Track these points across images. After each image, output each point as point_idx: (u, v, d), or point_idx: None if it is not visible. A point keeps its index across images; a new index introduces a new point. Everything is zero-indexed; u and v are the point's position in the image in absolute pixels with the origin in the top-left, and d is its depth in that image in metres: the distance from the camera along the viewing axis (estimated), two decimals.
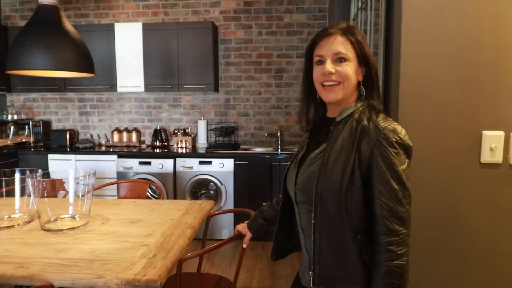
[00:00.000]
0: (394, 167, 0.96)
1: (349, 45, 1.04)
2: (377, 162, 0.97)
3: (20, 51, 1.45)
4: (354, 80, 1.06)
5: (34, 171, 1.80)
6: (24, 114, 4.33)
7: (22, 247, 1.44)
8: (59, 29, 1.55)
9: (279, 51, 3.98)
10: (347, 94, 1.06)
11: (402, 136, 0.99)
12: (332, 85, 1.05)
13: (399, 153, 0.98)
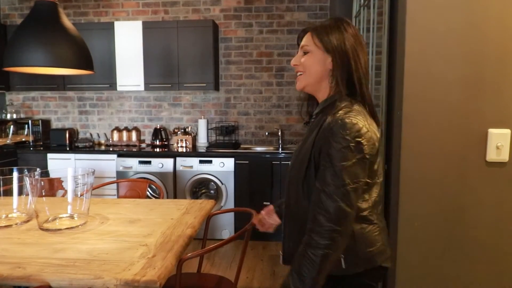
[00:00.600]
0: (334, 161, 0.99)
1: (312, 39, 1.11)
2: (323, 154, 1.03)
3: (17, 47, 1.42)
4: (318, 69, 1.11)
5: (32, 170, 1.78)
6: (24, 113, 4.30)
7: (20, 247, 1.42)
8: (57, 26, 1.53)
9: (280, 49, 3.96)
10: (312, 83, 1.14)
11: (350, 132, 0.99)
12: (299, 76, 1.17)
13: (343, 149, 0.99)
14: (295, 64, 1.16)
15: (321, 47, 1.09)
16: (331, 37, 1.09)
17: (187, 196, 3.53)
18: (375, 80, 1.84)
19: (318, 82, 1.13)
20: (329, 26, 1.11)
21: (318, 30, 1.11)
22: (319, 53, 1.10)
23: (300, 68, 1.15)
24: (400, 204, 1.40)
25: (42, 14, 1.52)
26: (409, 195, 1.39)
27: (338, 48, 1.08)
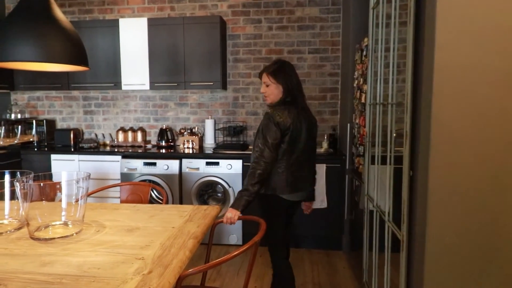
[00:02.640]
0: (260, 131, 1.98)
1: (268, 77, 2.03)
2: (259, 130, 1.99)
3: (2, 40, 1.30)
4: (276, 92, 2.03)
5: (26, 173, 1.65)
6: (29, 113, 4.23)
7: (4, 259, 1.30)
8: (48, 18, 1.40)
9: (290, 46, 3.80)
10: (275, 99, 2.04)
11: (272, 119, 1.95)
12: (266, 98, 2.09)
13: (265, 125, 1.96)
14: (262, 91, 2.08)
15: (275, 81, 2.01)
16: (279, 74, 2.01)
17: (193, 199, 3.40)
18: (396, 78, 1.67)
19: (277, 98, 2.03)
20: (277, 68, 2.02)
21: (272, 72, 2.02)
22: (275, 84, 2.02)
23: (266, 94, 2.07)
24: (428, 217, 1.23)
25: (31, 5, 1.39)
26: (438, 206, 1.22)
27: (286, 79, 2.01)
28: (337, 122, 3.81)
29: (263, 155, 1.91)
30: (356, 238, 2.86)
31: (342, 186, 3.20)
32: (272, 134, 1.92)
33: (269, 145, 1.92)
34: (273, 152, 1.93)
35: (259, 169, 1.91)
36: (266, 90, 2.04)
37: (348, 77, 3.14)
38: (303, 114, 2.04)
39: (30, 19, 1.38)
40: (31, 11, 1.40)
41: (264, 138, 1.92)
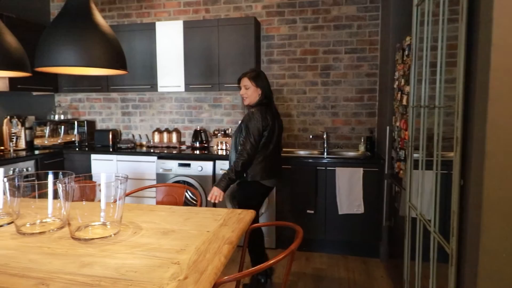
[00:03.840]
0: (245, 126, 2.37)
1: (249, 81, 2.45)
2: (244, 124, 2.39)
3: (47, 46, 1.34)
4: (255, 94, 2.46)
5: (67, 174, 1.71)
6: (71, 114, 4.42)
7: (48, 259, 1.33)
8: (89, 23, 1.43)
9: (326, 46, 3.71)
10: (253, 101, 2.47)
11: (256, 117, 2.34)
12: (243, 98, 2.49)
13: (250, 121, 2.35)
14: (242, 93, 2.48)
15: (255, 85, 2.44)
16: (258, 79, 2.45)
17: (226, 201, 3.40)
18: (445, 79, 1.55)
19: (254, 100, 2.45)
20: (257, 74, 2.47)
21: (253, 77, 2.45)
22: (254, 88, 2.44)
23: (246, 96, 2.47)
24: (482, 230, 1.13)
25: (73, 11, 1.43)
26: (493, 219, 1.11)
27: (263, 84, 2.46)
28: (374, 125, 3.68)
29: (246, 148, 2.32)
30: (395, 246, 2.73)
31: (380, 191, 3.07)
32: (255, 130, 2.32)
33: (252, 140, 2.32)
34: (255, 145, 2.35)
35: (242, 159, 2.31)
36: (246, 92, 2.45)
37: (388, 77, 3.01)
38: (275, 114, 2.51)
39: (72, 25, 1.42)
40: (74, 18, 1.43)
41: (247, 133, 2.32)
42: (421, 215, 1.87)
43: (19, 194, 1.60)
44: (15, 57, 1.62)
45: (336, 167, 3.13)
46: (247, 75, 2.47)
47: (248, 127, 2.33)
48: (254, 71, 2.50)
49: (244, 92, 2.45)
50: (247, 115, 2.38)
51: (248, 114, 2.37)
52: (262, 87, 2.46)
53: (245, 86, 2.45)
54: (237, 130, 2.47)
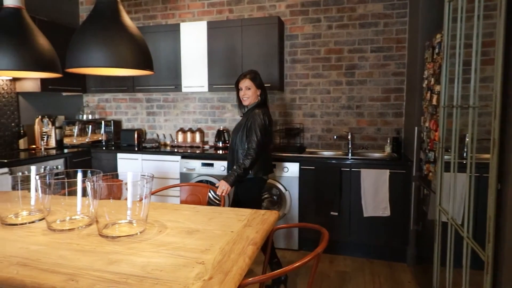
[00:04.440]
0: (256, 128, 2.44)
1: (251, 82, 2.55)
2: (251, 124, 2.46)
3: (77, 48, 1.37)
4: (255, 95, 2.57)
5: (96, 172, 1.74)
6: (98, 114, 4.54)
7: (77, 255, 1.36)
8: (117, 25, 1.46)
9: (351, 45, 3.64)
10: (252, 101, 2.57)
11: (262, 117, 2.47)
12: (245, 99, 2.57)
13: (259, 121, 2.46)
14: (243, 95, 2.58)
15: (255, 85, 2.56)
16: (258, 80, 2.58)
17: None
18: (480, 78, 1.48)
19: (254, 100, 2.58)
20: (255, 76, 2.57)
21: (253, 78, 2.56)
22: (255, 88, 2.56)
23: (247, 96, 2.56)
24: None
25: (102, 13, 1.46)
26: None
27: (261, 85, 2.60)
28: (401, 125, 3.57)
29: (254, 147, 2.43)
30: (424, 250, 2.64)
31: (408, 194, 2.98)
32: (262, 130, 2.44)
33: (260, 139, 2.44)
34: (262, 143, 2.46)
35: (251, 158, 2.42)
36: (247, 93, 2.55)
37: (416, 77, 2.91)
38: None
39: (101, 27, 1.44)
40: (102, 20, 1.46)
41: (254, 132, 2.43)
42: (452, 219, 1.79)
43: (50, 192, 1.64)
44: (47, 59, 1.67)
45: (361, 168, 3.06)
46: (247, 76, 2.55)
47: (254, 127, 2.44)
48: (252, 72, 2.58)
49: (245, 93, 2.55)
50: (252, 116, 2.48)
51: (253, 115, 2.48)
52: (261, 87, 2.59)
53: (247, 87, 2.54)
54: (238, 130, 2.55)
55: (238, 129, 2.57)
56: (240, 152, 2.53)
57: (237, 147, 2.55)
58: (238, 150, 2.54)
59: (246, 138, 2.49)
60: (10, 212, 1.76)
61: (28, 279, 1.17)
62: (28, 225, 1.70)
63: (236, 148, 2.55)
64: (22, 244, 1.47)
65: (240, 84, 2.59)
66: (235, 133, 2.59)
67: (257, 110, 2.50)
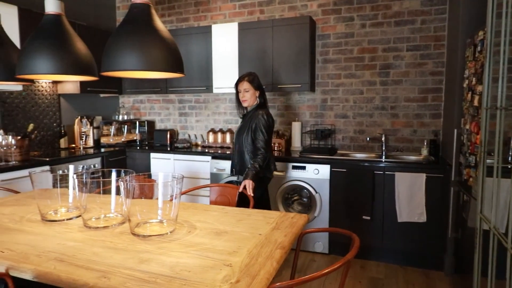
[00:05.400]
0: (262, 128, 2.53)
1: (249, 84, 2.61)
2: (258, 125, 2.54)
3: (112, 52, 1.41)
4: (253, 97, 2.63)
5: (129, 172, 1.80)
6: (133, 114, 4.70)
7: (109, 252, 1.40)
8: (150, 28, 1.49)
9: (386, 44, 3.52)
10: (251, 103, 2.65)
11: (266, 118, 2.56)
12: (244, 101, 2.64)
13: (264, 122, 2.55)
14: (242, 97, 2.65)
15: (253, 88, 2.62)
16: (256, 82, 2.64)
17: (279, 203, 3.37)
18: None
19: (253, 101, 2.65)
20: (254, 78, 2.64)
21: (251, 80, 2.62)
22: (253, 90, 2.62)
23: (245, 98, 2.62)
24: None
25: (135, 18, 1.50)
26: None
27: (260, 87, 2.66)
28: (439, 127, 3.41)
29: (263, 146, 2.52)
30: (463, 259, 2.50)
31: (446, 199, 2.83)
32: (268, 130, 2.56)
33: (267, 138, 2.55)
34: (269, 143, 2.63)
35: (261, 157, 2.52)
36: (246, 94, 2.61)
37: (456, 76, 2.77)
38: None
39: (134, 32, 1.48)
40: (136, 24, 1.50)
41: (261, 133, 2.52)
42: (495, 228, 1.68)
43: (86, 190, 1.71)
44: (85, 63, 1.75)
45: (395, 171, 2.95)
46: (245, 78, 2.62)
47: (259, 127, 2.53)
48: (251, 75, 2.65)
49: (244, 95, 2.62)
50: (255, 117, 2.56)
51: (256, 116, 2.56)
52: (259, 89, 2.65)
53: (245, 89, 2.61)
54: (243, 132, 2.61)
55: (242, 131, 2.63)
56: (246, 153, 2.60)
57: (243, 148, 2.61)
58: (244, 151, 2.61)
59: (252, 139, 2.56)
60: (50, 209, 1.85)
61: (64, 274, 1.22)
62: (66, 222, 1.78)
63: (242, 150, 2.62)
64: (60, 240, 1.54)
65: (239, 87, 2.65)
66: (239, 135, 2.65)
67: (260, 111, 2.58)
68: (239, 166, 2.66)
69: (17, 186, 2.79)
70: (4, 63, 2.02)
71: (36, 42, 1.66)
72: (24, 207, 2.04)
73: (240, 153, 2.64)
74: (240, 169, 2.65)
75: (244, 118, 2.72)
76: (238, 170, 2.68)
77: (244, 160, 2.62)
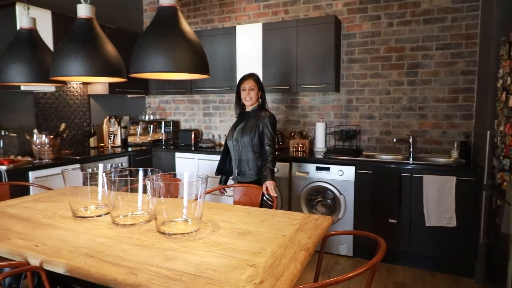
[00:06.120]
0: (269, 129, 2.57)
1: (255, 83, 2.64)
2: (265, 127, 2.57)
3: (139, 54, 1.45)
4: (257, 96, 2.65)
5: (155, 171, 1.83)
6: (159, 114, 4.80)
7: (136, 249, 1.44)
8: (176, 31, 1.52)
9: (414, 43, 3.42)
10: (254, 102, 2.65)
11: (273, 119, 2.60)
12: (249, 99, 2.63)
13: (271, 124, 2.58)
14: (246, 96, 2.63)
15: (258, 87, 2.65)
16: (260, 82, 2.68)
17: (302, 204, 3.35)
18: None
19: (256, 101, 2.66)
20: (258, 77, 2.68)
21: (256, 79, 2.65)
22: (257, 90, 2.64)
23: (250, 97, 2.62)
24: None
25: (162, 20, 1.53)
26: None
27: (262, 88, 2.70)
28: (471, 129, 3.28)
29: (272, 146, 2.58)
30: (495, 267, 2.39)
31: (477, 204, 2.72)
32: (274, 130, 2.61)
33: (274, 138, 2.60)
34: (276, 142, 2.81)
35: (272, 156, 2.55)
36: (251, 93, 2.62)
37: (489, 76, 2.65)
38: None
39: (161, 34, 1.52)
40: (162, 26, 1.53)
41: (271, 134, 2.57)
42: None
43: (115, 188, 1.76)
44: (114, 65, 1.80)
45: (423, 174, 2.86)
46: (251, 77, 2.64)
47: (268, 129, 2.56)
48: (255, 74, 2.69)
49: (249, 93, 2.62)
50: (261, 119, 2.58)
51: (263, 118, 2.58)
52: (262, 89, 2.69)
53: (251, 87, 2.62)
54: (247, 131, 2.58)
55: (246, 131, 2.59)
56: (253, 153, 2.58)
57: (248, 148, 2.58)
58: (248, 150, 2.58)
59: (259, 140, 2.57)
60: (80, 206, 1.92)
61: (94, 269, 1.26)
62: (95, 218, 1.84)
63: (244, 150, 2.59)
64: (90, 236, 1.59)
65: (244, 85, 2.64)
66: (243, 135, 2.59)
67: (265, 112, 2.62)
68: (241, 167, 2.63)
69: (50, 183, 2.91)
70: (39, 65, 2.11)
71: (68, 45, 1.73)
72: (56, 204, 2.13)
73: (244, 153, 2.61)
74: (242, 169, 2.62)
75: (242, 117, 2.69)
76: (240, 171, 2.63)
77: (248, 160, 2.60)
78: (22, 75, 2.08)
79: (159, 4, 1.53)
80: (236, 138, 2.64)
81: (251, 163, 2.60)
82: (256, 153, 2.58)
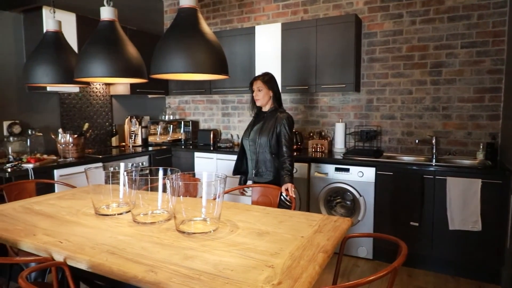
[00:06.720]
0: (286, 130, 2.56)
1: (263, 84, 2.63)
2: (282, 129, 2.55)
3: (160, 55, 1.47)
4: (266, 97, 2.64)
5: (175, 171, 1.86)
6: (178, 114, 4.86)
7: (156, 248, 1.46)
8: (196, 32, 1.54)
9: (438, 41, 3.33)
10: (264, 103, 2.66)
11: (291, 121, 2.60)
12: (257, 100, 2.66)
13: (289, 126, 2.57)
14: (255, 95, 2.67)
15: (267, 87, 2.63)
16: (270, 83, 2.65)
17: (321, 205, 3.31)
18: None
19: (267, 102, 2.66)
20: (269, 78, 2.66)
21: (265, 80, 2.63)
22: (266, 90, 2.63)
23: (258, 98, 2.65)
24: None
25: (183, 21, 1.55)
26: None
27: (274, 87, 2.66)
28: (498, 129, 3.16)
29: (290, 147, 2.56)
30: None
31: (504, 207, 2.62)
32: (292, 131, 2.61)
33: (291, 139, 2.59)
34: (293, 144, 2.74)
35: (291, 157, 2.55)
36: (258, 94, 2.64)
37: None
38: None
39: (181, 35, 1.53)
40: (182, 28, 1.55)
41: (289, 136, 2.56)
42: None
43: (135, 187, 1.80)
44: (136, 66, 1.83)
45: (447, 176, 2.78)
46: (259, 78, 2.66)
47: (286, 131, 2.55)
48: (267, 75, 2.67)
49: (257, 94, 2.63)
50: (279, 121, 2.57)
51: (282, 119, 2.57)
52: (273, 90, 2.65)
53: (258, 88, 2.63)
54: (264, 132, 2.58)
55: (264, 132, 2.59)
56: (270, 154, 2.58)
57: (266, 149, 2.58)
58: (265, 152, 2.58)
59: (276, 141, 2.57)
60: (102, 203, 1.97)
61: (115, 266, 1.29)
62: (117, 216, 1.88)
63: (262, 151, 2.59)
64: (111, 233, 1.63)
65: (253, 85, 2.67)
66: (261, 135, 2.59)
67: (282, 113, 2.61)
68: (258, 167, 2.62)
69: (73, 181, 3.00)
70: (64, 67, 2.18)
71: (92, 47, 1.77)
72: (80, 201, 2.19)
73: (261, 154, 2.61)
74: (260, 170, 2.62)
75: (259, 118, 2.70)
76: (257, 171, 2.63)
77: (266, 161, 2.59)
78: (48, 76, 2.15)
79: (179, 6, 1.55)
80: (253, 139, 2.64)
81: (269, 164, 2.59)
82: (274, 154, 2.58)
